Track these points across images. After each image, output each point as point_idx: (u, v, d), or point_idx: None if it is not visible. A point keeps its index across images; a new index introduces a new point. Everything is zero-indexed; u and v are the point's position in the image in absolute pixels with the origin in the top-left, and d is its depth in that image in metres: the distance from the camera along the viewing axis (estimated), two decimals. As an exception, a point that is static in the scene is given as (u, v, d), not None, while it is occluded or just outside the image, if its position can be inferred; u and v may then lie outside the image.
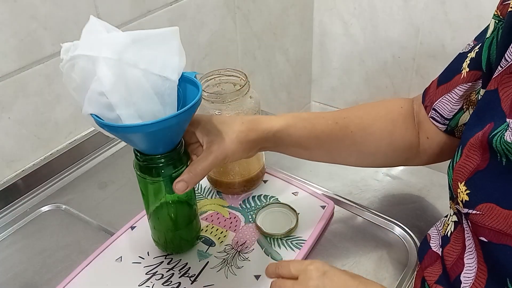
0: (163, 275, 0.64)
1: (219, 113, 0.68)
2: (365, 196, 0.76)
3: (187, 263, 0.65)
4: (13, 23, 0.72)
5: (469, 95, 0.58)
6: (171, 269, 0.64)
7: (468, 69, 0.57)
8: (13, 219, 0.76)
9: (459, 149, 0.52)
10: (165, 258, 0.66)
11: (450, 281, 0.51)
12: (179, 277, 0.63)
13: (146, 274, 0.64)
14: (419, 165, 0.68)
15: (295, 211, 0.71)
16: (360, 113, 0.67)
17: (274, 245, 0.67)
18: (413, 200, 0.75)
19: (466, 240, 0.51)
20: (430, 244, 0.59)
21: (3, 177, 0.79)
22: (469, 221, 0.49)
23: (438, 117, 0.61)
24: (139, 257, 0.66)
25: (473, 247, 0.49)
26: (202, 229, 0.69)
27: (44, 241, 0.72)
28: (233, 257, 0.66)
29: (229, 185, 0.75)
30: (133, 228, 0.71)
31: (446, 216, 0.59)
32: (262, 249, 0.67)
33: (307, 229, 0.69)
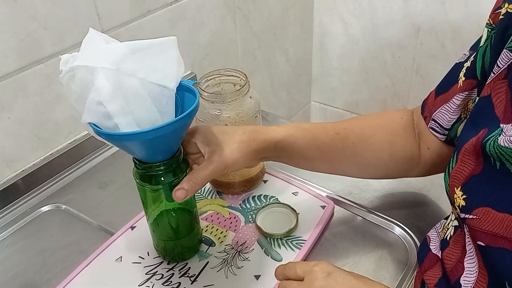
0: (163, 275, 0.64)
1: (219, 113, 0.68)
2: (365, 196, 0.76)
3: (187, 263, 0.65)
4: (13, 23, 0.72)
5: (466, 104, 0.58)
6: (171, 269, 0.64)
7: (464, 78, 0.58)
8: (13, 219, 0.76)
9: (454, 155, 0.52)
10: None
11: (450, 284, 0.52)
12: (179, 277, 0.63)
13: (146, 274, 0.64)
14: (421, 176, 0.68)
15: (295, 211, 0.71)
16: (361, 124, 0.67)
17: (274, 245, 0.67)
18: (413, 200, 0.75)
19: (466, 244, 0.51)
20: (430, 246, 0.59)
21: (3, 177, 0.79)
22: (466, 226, 0.49)
23: (437, 127, 0.62)
24: (139, 257, 0.66)
25: (474, 252, 0.49)
26: (202, 229, 0.69)
27: (44, 241, 0.72)
28: (233, 257, 0.66)
29: (229, 185, 0.75)
30: (133, 228, 0.71)
31: (446, 218, 0.59)
32: (262, 249, 0.67)
33: (307, 229, 0.69)
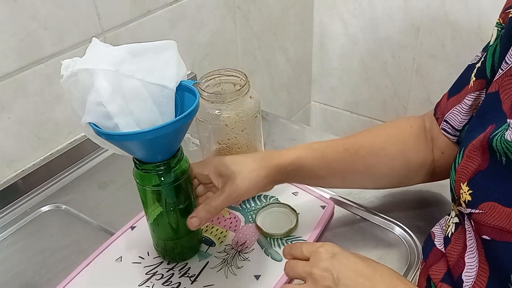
0: (163, 275, 0.64)
1: (219, 113, 0.68)
2: (365, 196, 0.76)
3: (187, 263, 0.65)
4: (13, 23, 0.72)
5: (477, 105, 0.58)
6: (171, 269, 0.64)
7: (474, 79, 0.58)
8: (13, 219, 0.76)
9: (460, 151, 0.52)
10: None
11: (453, 280, 0.52)
12: (179, 277, 0.63)
13: (146, 274, 0.64)
14: (438, 180, 0.68)
15: (295, 211, 0.71)
16: (369, 137, 0.68)
17: (274, 245, 0.67)
18: (413, 200, 0.75)
19: (467, 240, 0.51)
20: (434, 242, 0.59)
21: (3, 177, 0.79)
22: (472, 221, 0.49)
23: (449, 128, 0.62)
24: (139, 257, 0.66)
25: (475, 247, 0.50)
26: (202, 229, 0.69)
27: (44, 241, 0.72)
28: (233, 257, 0.66)
29: (229, 185, 0.75)
30: (133, 228, 0.71)
31: (449, 214, 0.60)
32: (262, 249, 0.67)
33: (307, 229, 0.69)
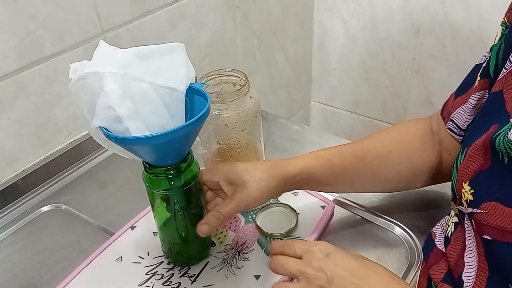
0: (163, 275, 0.64)
1: (219, 113, 0.68)
2: (365, 196, 0.76)
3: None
4: (13, 23, 0.72)
5: (481, 104, 0.58)
6: (171, 269, 0.64)
7: (479, 78, 0.58)
8: (13, 219, 0.76)
9: (463, 151, 0.52)
10: (165, 258, 0.66)
11: (455, 280, 0.52)
12: (179, 277, 0.63)
13: (146, 274, 0.64)
14: (448, 181, 0.68)
15: (295, 211, 0.71)
16: (376, 141, 0.67)
17: (274, 245, 0.67)
18: (413, 200, 0.75)
19: (466, 239, 0.51)
20: (435, 242, 0.59)
21: (3, 177, 0.79)
22: (472, 220, 0.49)
23: (455, 128, 0.62)
24: (139, 257, 0.66)
25: (474, 246, 0.50)
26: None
27: (44, 241, 0.72)
28: (233, 257, 0.66)
29: (229, 185, 0.75)
30: (133, 228, 0.71)
31: (449, 214, 0.60)
32: (262, 249, 0.67)
33: (307, 229, 0.69)
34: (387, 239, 0.69)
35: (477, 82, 0.58)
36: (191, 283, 0.62)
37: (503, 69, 0.51)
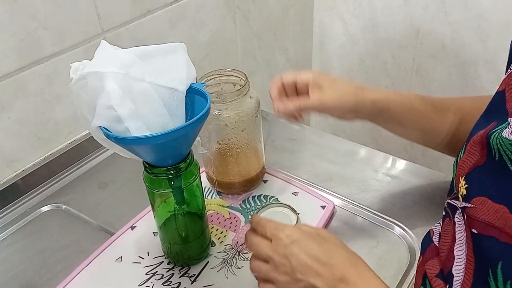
0: (163, 275, 0.64)
1: (219, 113, 0.68)
2: (365, 196, 0.76)
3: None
4: (13, 23, 0.72)
5: None
6: (171, 269, 0.64)
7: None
8: (13, 219, 0.76)
9: (464, 146, 0.53)
10: (165, 258, 0.66)
11: (444, 274, 0.53)
12: (179, 277, 0.63)
13: (146, 274, 0.64)
14: None
15: (295, 211, 0.71)
16: (458, 101, 0.69)
17: (274, 245, 0.67)
18: (413, 200, 0.75)
19: (456, 233, 0.52)
20: (433, 239, 0.59)
21: (3, 177, 0.79)
22: (465, 215, 0.50)
23: None
24: (139, 257, 0.66)
25: (464, 240, 0.51)
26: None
27: (44, 241, 0.72)
28: (233, 257, 0.66)
29: (229, 185, 0.75)
30: (133, 228, 0.71)
31: None
32: (262, 249, 0.67)
33: (307, 229, 0.69)
34: (387, 239, 0.69)
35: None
36: (191, 283, 0.62)
37: (508, 69, 0.52)
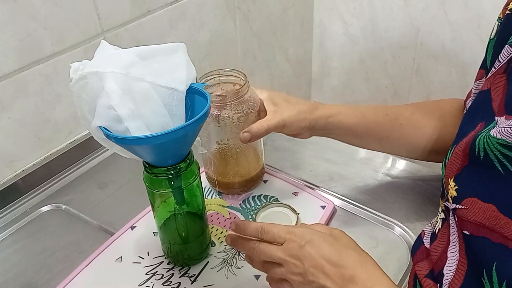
0: (163, 275, 0.64)
1: (218, 113, 0.68)
2: (365, 196, 0.76)
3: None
4: (13, 23, 0.72)
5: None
6: (171, 269, 0.64)
7: (479, 68, 0.60)
8: (13, 219, 0.76)
9: (452, 147, 0.53)
10: (165, 258, 0.66)
11: (434, 274, 0.53)
12: (179, 277, 0.63)
13: (146, 274, 0.64)
14: None
15: (295, 211, 0.71)
16: (410, 108, 0.70)
17: (274, 245, 0.67)
18: (413, 200, 0.75)
19: (450, 235, 0.53)
20: (423, 240, 0.60)
21: (3, 177, 0.79)
22: (456, 216, 0.51)
23: None
24: (139, 257, 0.66)
25: (457, 242, 0.51)
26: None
27: (44, 241, 0.72)
28: (233, 257, 0.66)
29: (229, 185, 0.75)
30: (133, 228, 0.71)
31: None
32: (262, 249, 0.67)
33: (307, 229, 0.69)
34: (387, 239, 0.69)
35: (477, 71, 0.60)
36: (191, 283, 0.62)
37: (492, 68, 0.53)
